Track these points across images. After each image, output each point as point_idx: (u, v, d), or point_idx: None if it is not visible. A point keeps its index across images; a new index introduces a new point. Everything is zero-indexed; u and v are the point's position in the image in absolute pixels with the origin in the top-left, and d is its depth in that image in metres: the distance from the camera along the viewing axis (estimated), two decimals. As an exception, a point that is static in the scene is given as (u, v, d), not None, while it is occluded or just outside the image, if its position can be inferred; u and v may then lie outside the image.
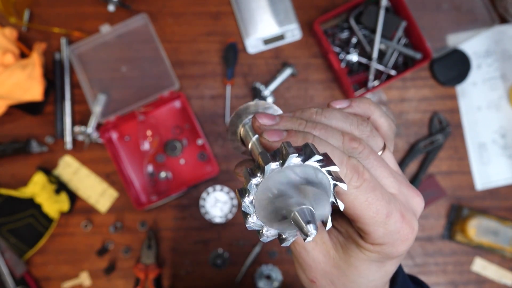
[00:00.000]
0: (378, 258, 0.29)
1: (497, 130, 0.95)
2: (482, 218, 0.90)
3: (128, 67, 0.93)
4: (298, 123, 0.29)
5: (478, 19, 0.93)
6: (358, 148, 0.28)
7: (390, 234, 0.27)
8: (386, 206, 0.27)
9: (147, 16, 0.90)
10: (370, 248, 0.29)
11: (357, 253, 0.29)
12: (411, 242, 0.29)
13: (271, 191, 0.24)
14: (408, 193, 0.30)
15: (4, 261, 0.86)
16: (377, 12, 0.89)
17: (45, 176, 0.87)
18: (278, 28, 0.94)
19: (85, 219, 0.91)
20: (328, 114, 0.30)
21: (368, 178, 0.26)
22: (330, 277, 0.31)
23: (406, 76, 0.95)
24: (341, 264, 0.30)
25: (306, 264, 0.31)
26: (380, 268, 0.30)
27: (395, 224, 0.27)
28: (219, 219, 0.90)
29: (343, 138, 0.28)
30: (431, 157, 0.93)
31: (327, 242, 0.31)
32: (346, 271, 0.30)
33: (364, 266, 0.30)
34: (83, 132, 0.87)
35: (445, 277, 0.93)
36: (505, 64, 0.96)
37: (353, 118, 0.30)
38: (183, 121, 0.92)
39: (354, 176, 0.26)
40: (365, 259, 0.29)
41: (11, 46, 0.86)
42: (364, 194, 0.26)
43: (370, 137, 0.30)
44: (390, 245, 0.28)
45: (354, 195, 0.26)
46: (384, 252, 0.29)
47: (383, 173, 0.29)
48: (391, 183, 0.29)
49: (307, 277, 0.32)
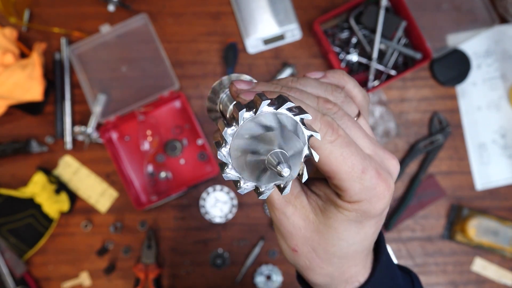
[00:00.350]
0: (356, 217, 0.29)
1: (497, 130, 0.95)
2: (482, 218, 0.90)
3: (128, 67, 0.93)
4: (274, 86, 0.29)
5: (478, 19, 0.93)
6: (333, 109, 0.29)
7: (367, 190, 0.28)
8: (361, 162, 0.27)
9: (147, 16, 0.90)
10: (347, 207, 0.29)
11: (335, 214, 0.30)
12: (388, 200, 0.29)
13: (246, 139, 0.25)
14: (383, 155, 0.30)
15: (4, 261, 0.86)
16: (377, 12, 0.89)
17: (45, 176, 0.87)
18: (278, 28, 0.94)
19: (85, 219, 0.91)
20: (304, 81, 0.31)
21: (343, 134, 0.27)
22: (311, 243, 0.31)
23: (406, 76, 0.95)
24: (320, 227, 0.31)
25: (287, 231, 0.32)
26: (360, 229, 0.30)
27: (370, 180, 0.28)
28: (219, 219, 0.90)
29: (318, 100, 0.29)
30: (431, 157, 0.93)
31: (306, 207, 0.31)
32: (326, 234, 0.30)
33: (343, 227, 0.30)
34: (83, 132, 0.87)
35: (445, 277, 0.93)
36: (505, 64, 0.96)
37: (328, 85, 0.31)
38: (183, 121, 0.92)
39: (328, 131, 0.26)
40: (344, 219, 0.29)
41: (11, 46, 0.86)
42: (339, 148, 0.27)
43: (345, 103, 0.31)
44: (367, 201, 0.28)
45: (329, 149, 0.27)
46: (361, 209, 0.29)
47: (358, 133, 0.29)
48: (366, 144, 0.29)
49: (288, 246, 0.32)
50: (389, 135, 0.94)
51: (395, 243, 0.93)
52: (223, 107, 0.34)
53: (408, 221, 0.93)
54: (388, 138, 0.94)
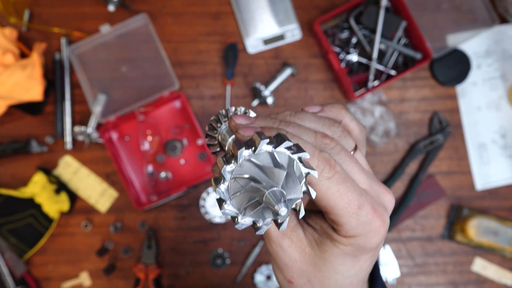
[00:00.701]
0: (352, 251, 0.30)
1: (497, 130, 0.95)
2: (482, 218, 0.90)
3: (128, 67, 0.93)
4: (272, 122, 0.30)
5: (478, 19, 0.93)
6: (330, 144, 0.29)
7: (362, 226, 0.28)
8: (357, 198, 0.28)
9: (147, 16, 0.90)
10: (343, 241, 0.29)
11: (331, 248, 0.30)
12: (383, 235, 0.30)
13: (245, 177, 0.25)
14: (379, 189, 0.31)
15: (4, 261, 0.86)
16: (377, 12, 0.89)
17: (45, 176, 0.87)
18: (278, 28, 0.94)
19: (85, 219, 0.91)
20: (302, 115, 0.31)
21: (340, 170, 0.28)
22: (306, 275, 0.32)
23: (406, 76, 0.95)
24: (317, 260, 0.31)
25: (283, 263, 0.32)
26: (355, 263, 0.31)
27: (366, 216, 0.28)
28: (219, 219, 0.90)
29: (315, 135, 0.29)
30: (431, 157, 0.93)
31: (303, 240, 0.31)
32: (321, 268, 0.31)
33: (339, 260, 0.30)
34: (83, 132, 0.87)
35: (445, 277, 0.93)
36: (505, 64, 0.96)
37: (325, 120, 0.31)
38: (183, 121, 0.92)
39: (325, 167, 0.27)
40: (340, 253, 0.30)
41: (11, 46, 0.86)
42: (336, 185, 0.27)
43: (342, 137, 0.32)
44: (363, 236, 0.29)
45: (326, 186, 0.27)
46: (357, 244, 0.29)
47: (354, 168, 0.30)
48: (362, 179, 0.30)
49: (284, 278, 0.33)
50: (389, 135, 0.94)
51: (395, 243, 0.93)
52: (222, 139, 0.34)
53: (408, 221, 0.93)
54: (388, 138, 0.94)
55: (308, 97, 0.94)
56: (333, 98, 0.94)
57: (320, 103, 0.95)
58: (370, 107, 0.94)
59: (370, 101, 0.94)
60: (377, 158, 0.94)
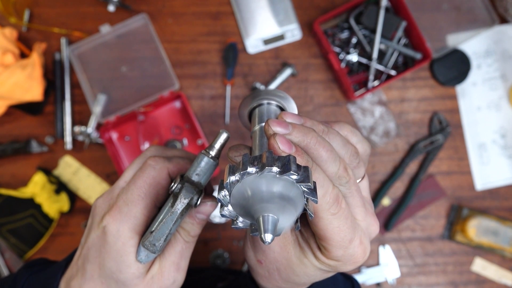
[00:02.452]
0: (328, 269, 0.33)
1: (497, 130, 0.95)
2: (482, 218, 0.90)
3: (128, 67, 0.93)
4: (310, 137, 0.30)
5: (478, 19, 0.93)
6: (346, 178, 0.31)
7: (347, 256, 0.31)
8: (351, 233, 0.30)
9: (147, 16, 0.90)
10: (325, 261, 0.32)
11: (311, 260, 0.33)
12: (360, 264, 0.33)
13: (246, 192, 0.26)
14: (370, 221, 0.34)
15: (4, 261, 0.86)
16: (377, 12, 0.89)
17: (45, 176, 0.87)
18: (278, 28, 0.94)
19: (85, 219, 0.91)
20: (332, 136, 0.32)
21: (344, 207, 0.30)
22: (278, 265, 0.34)
23: (406, 76, 0.95)
24: (293, 259, 0.33)
25: (260, 248, 0.35)
26: (324, 274, 0.34)
27: (353, 249, 0.31)
28: (219, 219, 0.90)
29: (339, 166, 0.31)
30: (431, 157, 0.93)
31: (288, 238, 0.34)
32: (294, 267, 0.34)
33: (313, 269, 0.33)
34: (83, 132, 0.87)
35: (445, 277, 0.93)
36: (505, 64, 0.96)
37: (350, 148, 0.33)
38: (183, 121, 0.92)
39: (334, 205, 0.29)
40: (317, 266, 0.33)
41: (11, 46, 0.86)
42: (337, 220, 0.29)
43: (356, 168, 0.33)
44: (343, 263, 0.32)
45: (329, 220, 0.29)
46: (335, 267, 0.32)
47: (358, 202, 0.32)
48: (360, 212, 0.32)
49: (255, 257, 0.35)
50: (389, 135, 0.94)
51: (395, 243, 0.93)
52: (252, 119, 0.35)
53: (408, 221, 0.93)
54: (388, 138, 0.94)
55: (308, 97, 0.94)
56: (333, 98, 0.94)
57: (320, 103, 0.95)
58: (370, 107, 0.94)
59: (370, 101, 0.94)
60: (377, 158, 0.94)
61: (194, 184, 0.35)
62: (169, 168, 0.38)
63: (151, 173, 0.37)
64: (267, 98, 0.35)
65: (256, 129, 0.33)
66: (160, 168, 0.37)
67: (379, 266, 0.92)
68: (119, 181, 0.39)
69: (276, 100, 0.35)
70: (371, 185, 0.94)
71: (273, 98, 0.35)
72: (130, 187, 0.37)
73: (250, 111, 0.36)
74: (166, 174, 0.38)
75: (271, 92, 0.35)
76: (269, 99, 0.35)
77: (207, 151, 0.36)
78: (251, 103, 0.36)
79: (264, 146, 0.31)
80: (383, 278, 0.92)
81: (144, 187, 0.36)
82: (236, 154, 0.32)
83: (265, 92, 0.35)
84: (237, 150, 0.32)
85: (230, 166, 0.27)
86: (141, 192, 0.36)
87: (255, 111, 0.35)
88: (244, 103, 0.36)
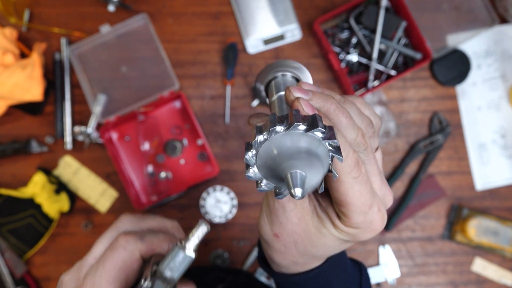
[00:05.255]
0: (347, 237, 0.33)
1: (497, 130, 0.95)
2: (482, 218, 0.90)
3: (128, 67, 0.93)
4: (330, 102, 0.30)
5: (478, 19, 0.93)
6: (365, 145, 0.31)
7: (366, 223, 0.31)
8: (371, 199, 0.31)
9: (147, 16, 0.90)
10: (344, 229, 0.32)
11: (330, 229, 0.33)
12: (378, 232, 0.33)
13: (273, 151, 0.26)
14: (385, 191, 0.34)
15: (4, 261, 0.86)
16: (377, 12, 0.89)
17: (45, 176, 0.87)
18: (278, 28, 0.94)
19: (85, 219, 0.91)
20: (349, 106, 0.32)
21: (364, 172, 0.30)
22: (296, 237, 0.34)
23: (406, 76, 0.95)
24: (312, 230, 0.33)
25: (278, 220, 0.34)
26: (343, 244, 0.35)
27: (372, 215, 0.31)
28: (219, 219, 0.90)
29: (358, 133, 0.31)
30: (431, 157, 0.93)
31: (306, 208, 0.33)
32: (313, 237, 0.34)
33: (331, 239, 0.33)
34: (83, 132, 0.87)
35: (445, 277, 0.93)
36: (505, 64, 0.96)
37: (365, 118, 0.33)
38: (183, 121, 0.92)
39: (355, 168, 0.29)
40: (336, 235, 0.33)
41: (11, 46, 0.86)
42: (358, 185, 0.29)
43: (371, 138, 0.33)
44: (362, 231, 0.32)
45: (350, 184, 0.29)
46: (354, 235, 0.32)
47: (375, 170, 0.32)
48: (377, 180, 0.33)
49: (271, 231, 0.35)
50: (389, 135, 0.94)
51: (395, 243, 0.93)
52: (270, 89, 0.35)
53: (408, 221, 0.93)
54: (388, 138, 0.94)
55: (308, 97, 0.94)
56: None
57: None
58: (370, 107, 0.94)
59: (370, 101, 0.94)
60: (377, 158, 0.94)
61: (166, 281, 0.33)
62: (141, 250, 0.37)
63: (121, 256, 0.36)
64: (282, 70, 0.35)
65: (274, 99, 0.33)
66: (132, 250, 0.36)
67: (379, 266, 0.92)
68: (87, 257, 0.38)
69: (291, 71, 0.35)
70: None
71: (289, 69, 0.35)
72: (99, 269, 0.36)
73: (267, 84, 0.36)
74: (137, 256, 0.37)
75: (285, 63, 0.35)
76: (284, 70, 0.35)
77: (183, 244, 0.35)
78: (266, 76, 0.35)
79: (285, 111, 0.30)
80: (383, 278, 0.92)
81: (113, 271, 0.35)
82: (257, 120, 0.31)
83: (279, 64, 0.35)
84: (258, 117, 0.32)
85: (257, 127, 0.27)
86: (109, 276, 0.35)
87: (271, 83, 0.35)
88: (260, 77, 0.36)
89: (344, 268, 0.41)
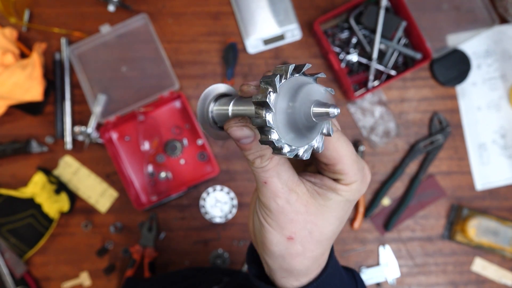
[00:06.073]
0: (350, 196, 0.35)
1: (497, 130, 0.95)
2: (482, 218, 0.90)
3: (128, 67, 0.93)
4: None
5: (478, 19, 0.93)
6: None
7: (360, 171, 0.34)
8: (355, 154, 0.34)
9: (147, 16, 0.90)
10: (345, 189, 0.34)
11: (335, 196, 0.35)
12: (368, 184, 0.36)
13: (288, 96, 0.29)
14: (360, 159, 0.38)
15: (4, 261, 0.86)
16: (377, 12, 0.89)
17: (45, 176, 0.87)
18: (278, 28, 0.94)
19: (85, 219, 0.91)
20: None
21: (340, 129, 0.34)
22: (309, 226, 0.35)
23: (406, 76, 0.95)
24: (320, 208, 0.35)
25: (287, 219, 0.34)
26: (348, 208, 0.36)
27: (360, 162, 0.35)
28: (219, 219, 0.90)
29: None
30: (431, 157, 0.93)
31: (306, 193, 0.35)
32: (325, 214, 0.35)
33: (340, 206, 0.35)
34: (83, 132, 0.87)
35: (445, 277, 0.93)
36: (505, 64, 0.96)
37: None
38: (183, 121, 0.92)
39: (338, 131, 0.33)
40: (341, 199, 0.35)
41: (11, 46, 0.86)
42: (345, 144, 0.33)
43: None
44: (359, 182, 0.35)
45: (336, 137, 0.33)
46: (355, 190, 0.35)
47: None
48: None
49: (283, 236, 0.35)
50: (389, 135, 0.94)
51: (395, 243, 0.93)
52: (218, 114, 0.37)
53: (408, 221, 0.93)
54: (388, 138, 0.94)
55: (308, 97, 0.94)
56: (333, 98, 0.94)
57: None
58: (370, 107, 0.94)
59: (370, 101, 0.94)
60: (377, 158, 0.94)
61: None
62: None
63: None
64: (210, 99, 0.38)
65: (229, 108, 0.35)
66: None
67: (379, 266, 0.92)
68: None
69: (213, 98, 0.38)
70: (371, 185, 0.94)
71: (212, 98, 0.38)
72: None
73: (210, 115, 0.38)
74: None
75: (208, 95, 0.38)
76: (212, 99, 0.38)
77: None
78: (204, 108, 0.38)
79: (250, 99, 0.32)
80: (383, 278, 0.92)
81: None
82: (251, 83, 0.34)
83: (204, 98, 0.38)
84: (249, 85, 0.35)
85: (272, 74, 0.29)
86: None
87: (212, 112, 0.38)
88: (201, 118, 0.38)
89: (341, 277, 0.41)
